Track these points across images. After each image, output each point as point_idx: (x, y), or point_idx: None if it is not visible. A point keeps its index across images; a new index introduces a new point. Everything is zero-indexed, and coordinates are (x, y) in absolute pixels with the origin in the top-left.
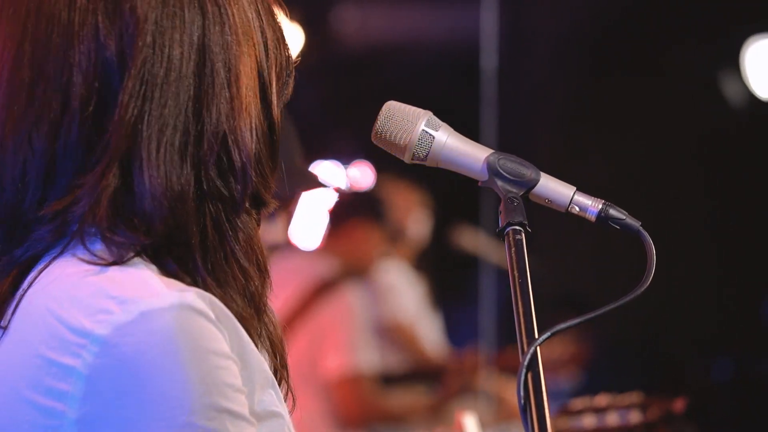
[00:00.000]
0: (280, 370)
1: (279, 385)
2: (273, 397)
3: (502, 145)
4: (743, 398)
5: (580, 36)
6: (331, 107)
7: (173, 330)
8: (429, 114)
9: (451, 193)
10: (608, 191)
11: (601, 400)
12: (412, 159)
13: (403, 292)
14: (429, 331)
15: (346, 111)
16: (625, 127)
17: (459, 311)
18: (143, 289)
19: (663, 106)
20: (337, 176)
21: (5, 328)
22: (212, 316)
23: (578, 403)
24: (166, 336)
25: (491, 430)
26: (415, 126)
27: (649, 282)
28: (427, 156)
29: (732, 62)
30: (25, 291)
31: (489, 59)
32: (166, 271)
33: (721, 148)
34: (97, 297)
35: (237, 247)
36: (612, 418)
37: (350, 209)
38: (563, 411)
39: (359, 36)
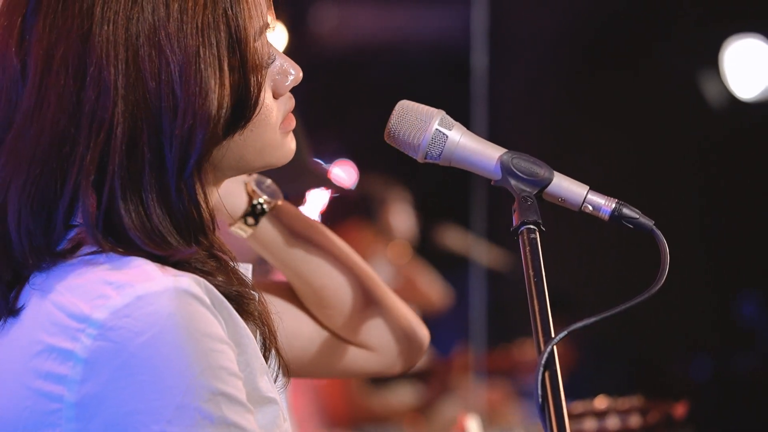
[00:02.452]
0: (268, 338)
1: (269, 353)
2: (267, 383)
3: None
4: (722, 396)
5: (570, 34)
6: (319, 106)
7: (168, 313)
8: (442, 113)
9: (440, 193)
10: (600, 189)
11: (601, 403)
12: (426, 158)
13: None
14: None
15: (335, 110)
16: (615, 124)
17: (448, 312)
18: (139, 274)
19: (651, 103)
20: (348, 176)
21: (15, 315)
22: (207, 301)
23: (578, 406)
24: (161, 318)
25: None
26: (429, 125)
27: (663, 281)
28: (440, 155)
29: (713, 61)
30: (26, 288)
31: (479, 58)
32: (157, 259)
33: (701, 148)
34: (95, 284)
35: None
36: (612, 422)
37: (343, 210)
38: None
39: (347, 35)
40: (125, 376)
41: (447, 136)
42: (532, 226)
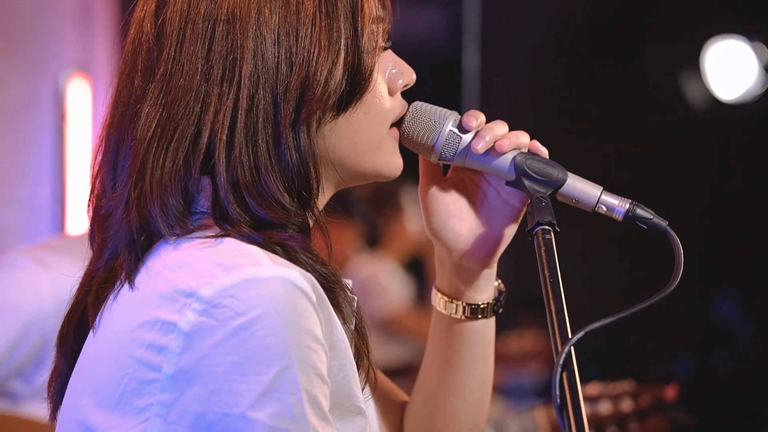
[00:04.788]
0: (360, 346)
1: (360, 361)
2: (359, 392)
3: None
4: (703, 394)
5: (561, 35)
6: None
7: (271, 299)
8: (455, 114)
9: None
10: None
11: (593, 388)
12: (439, 159)
13: (390, 291)
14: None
15: None
16: (606, 124)
17: None
18: (249, 259)
19: (642, 101)
20: None
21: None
22: (313, 298)
23: None
24: (263, 303)
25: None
26: (443, 126)
27: (677, 281)
28: (454, 156)
29: (696, 62)
30: (147, 259)
31: (470, 58)
32: (265, 247)
33: (681, 149)
34: (207, 264)
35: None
36: (604, 407)
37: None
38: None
39: None
40: (219, 354)
41: (461, 138)
42: (546, 227)
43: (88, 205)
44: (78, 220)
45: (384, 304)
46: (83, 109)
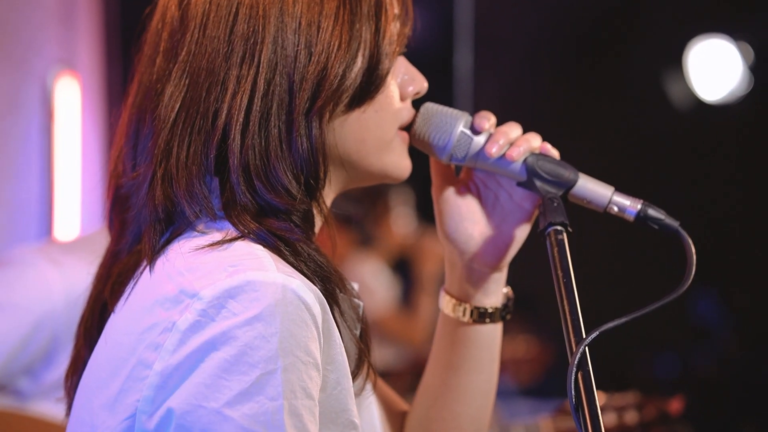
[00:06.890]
0: (363, 351)
1: (362, 363)
2: (355, 407)
3: None
4: (685, 392)
5: (553, 34)
6: None
7: (269, 303)
8: (466, 115)
9: (426, 195)
10: None
11: (597, 399)
12: (451, 160)
13: (376, 293)
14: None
15: None
16: (600, 124)
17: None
18: (255, 263)
19: (633, 101)
20: None
21: (152, 268)
22: (313, 309)
23: None
24: (260, 305)
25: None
26: (453, 127)
27: (690, 281)
28: (465, 157)
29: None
30: (168, 247)
31: (462, 57)
32: (273, 250)
33: (666, 148)
34: (213, 266)
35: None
36: (608, 418)
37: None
38: (560, 410)
39: None
40: (208, 349)
41: (472, 139)
42: (559, 227)
43: (107, 187)
44: (66, 220)
45: (369, 306)
46: (71, 107)
